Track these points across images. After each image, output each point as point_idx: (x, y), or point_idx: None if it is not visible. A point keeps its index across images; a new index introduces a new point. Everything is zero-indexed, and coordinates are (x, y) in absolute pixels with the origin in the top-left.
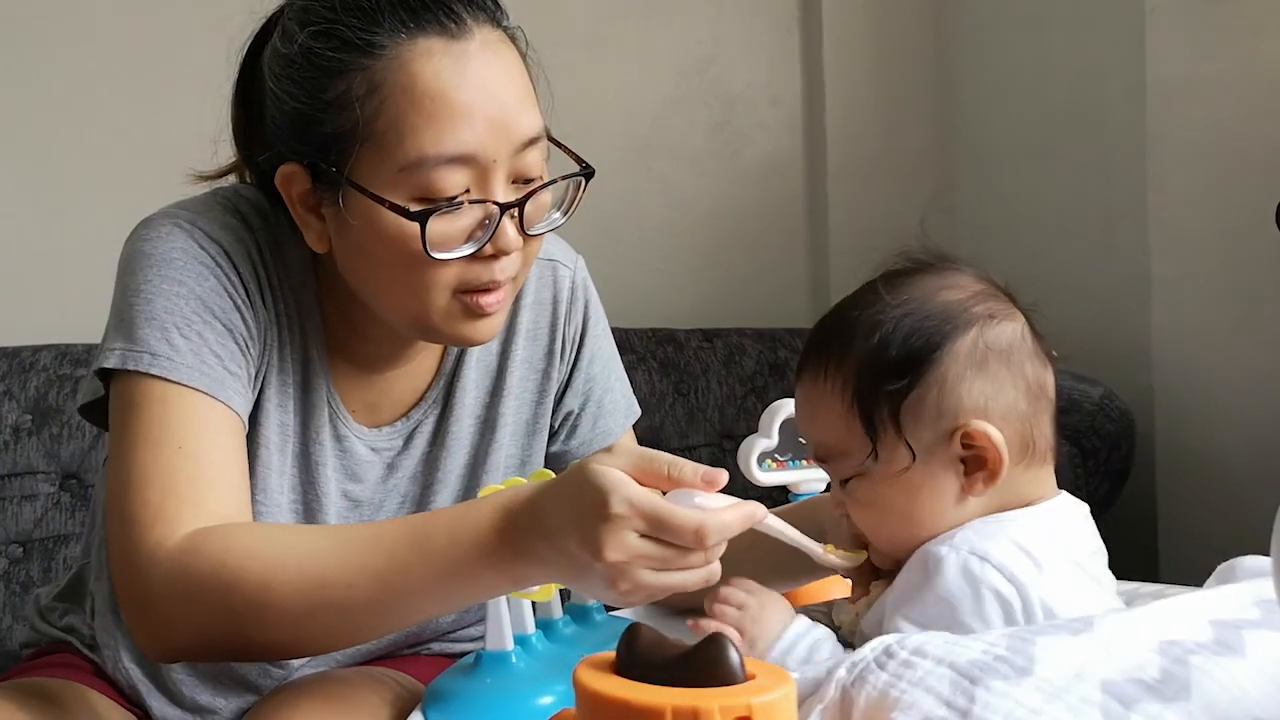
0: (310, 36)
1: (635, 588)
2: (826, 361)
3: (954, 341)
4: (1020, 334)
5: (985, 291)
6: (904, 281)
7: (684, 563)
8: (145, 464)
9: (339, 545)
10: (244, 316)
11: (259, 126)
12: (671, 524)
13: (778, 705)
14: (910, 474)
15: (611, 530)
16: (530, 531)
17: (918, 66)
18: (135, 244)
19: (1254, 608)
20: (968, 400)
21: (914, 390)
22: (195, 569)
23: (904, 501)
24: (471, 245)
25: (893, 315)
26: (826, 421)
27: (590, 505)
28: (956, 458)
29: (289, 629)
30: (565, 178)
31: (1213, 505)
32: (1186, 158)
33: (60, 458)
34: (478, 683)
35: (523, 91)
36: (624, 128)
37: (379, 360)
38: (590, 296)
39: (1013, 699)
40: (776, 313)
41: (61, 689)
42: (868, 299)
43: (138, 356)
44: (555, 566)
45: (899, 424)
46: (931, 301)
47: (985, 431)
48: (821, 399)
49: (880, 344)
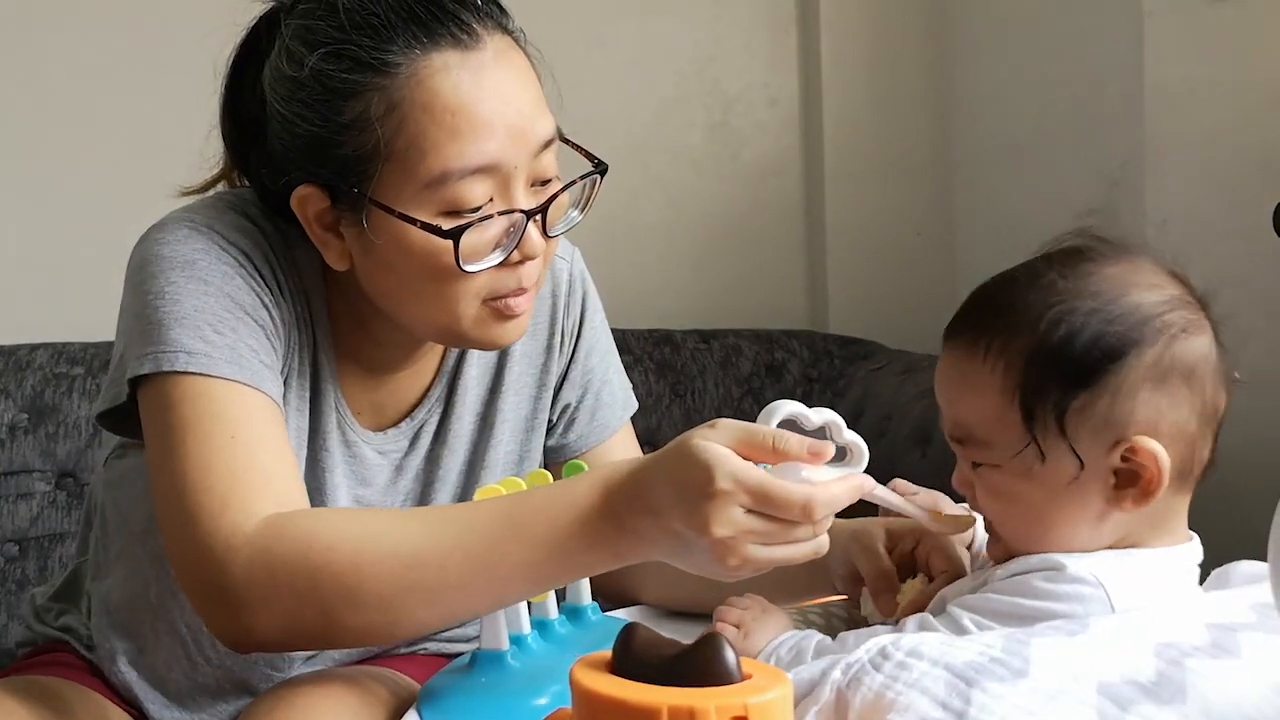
0: (321, 59)
1: (743, 563)
2: (990, 338)
3: (1140, 351)
4: (1208, 351)
5: (1180, 297)
6: (1085, 268)
7: (792, 536)
8: (200, 456)
9: (431, 526)
10: (271, 314)
11: (258, 144)
12: (779, 499)
13: (774, 705)
14: (1051, 473)
15: (718, 506)
16: (632, 509)
17: (916, 68)
18: (150, 248)
19: (1250, 611)
20: (1140, 414)
21: (1087, 397)
22: (280, 552)
23: (1043, 502)
24: (499, 253)
25: (1078, 309)
26: (976, 404)
27: (695, 482)
28: (1111, 469)
29: (379, 612)
30: (582, 178)
31: (1209, 508)
32: (1184, 161)
33: (56, 456)
34: (473, 682)
35: (536, 95)
36: (621, 128)
37: (387, 363)
38: (588, 288)
39: (1008, 701)
40: (773, 314)
41: (59, 687)
42: (1044, 280)
43: (173, 357)
44: (658, 544)
45: (1063, 427)
46: (1121, 301)
47: (1152, 450)
48: (976, 377)
49: (1063, 340)
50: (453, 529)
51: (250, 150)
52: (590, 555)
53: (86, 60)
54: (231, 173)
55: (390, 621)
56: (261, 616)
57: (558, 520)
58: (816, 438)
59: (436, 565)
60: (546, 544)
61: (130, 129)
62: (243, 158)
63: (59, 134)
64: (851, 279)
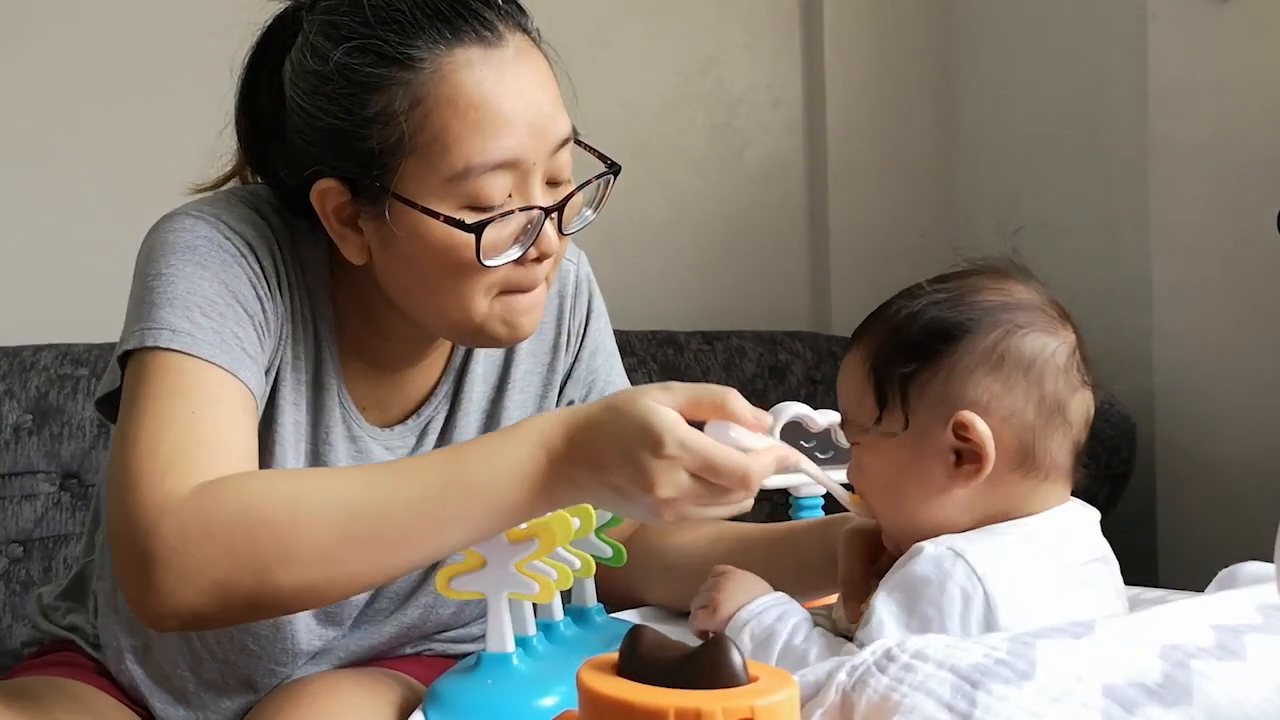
0: (346, 53)
1: (678, 518)
2: (861, 332)
3: (974, 338)
4: (1053, 351)
5: (1033, 304)
6: (954, 279)
7: (727, 500)
8: (155, 427)
9: (372, 478)
10: (264, 306)
11: (274, 140)
12: (722, 468)
13: (780, 707)
14: (900, 447)
15: (665, 469)
16: (573, 461)
17: (919, 69)
18: (158, 236)
19: (1256, 612)
20: (971, 393)
21: (923, 371)
22: (216, 511)
23: (895, 474)
24: (517, 249)
25: (925, 301)
26: (846, 387)
27: (645, 443)
28: (950, 447)
29: (316, 568)
30: (596, 178)
31: (1213, 510)
32: (1188, 162)
33: (61, 457)
34: (479, 684)
35: (554, 94)
36: (625, 129)
37: (396, 359)
38: (593, 290)
39: (1014, 703)
40: (777, 315)
41: (64, 687)
42: (914, 289)
43: (157, 333)
44: (595, 494)
45: (905, 397)
46: (968, 298)
47: (975, 425)
48: (850, 365)
49: (904, 321)
50: (393, 480)
51: (266, 147)
52: (526, 503)
53: (92, 62)
54: (243, 170)
55: (327, 579)
56: (191, 581)
57: (497, 468)
58: (821, 439)
59: (377, 515)
60: (486, 493)
61: (136, 130)
62: (257, 155)
63: (64, 135)
64: (855, 280)
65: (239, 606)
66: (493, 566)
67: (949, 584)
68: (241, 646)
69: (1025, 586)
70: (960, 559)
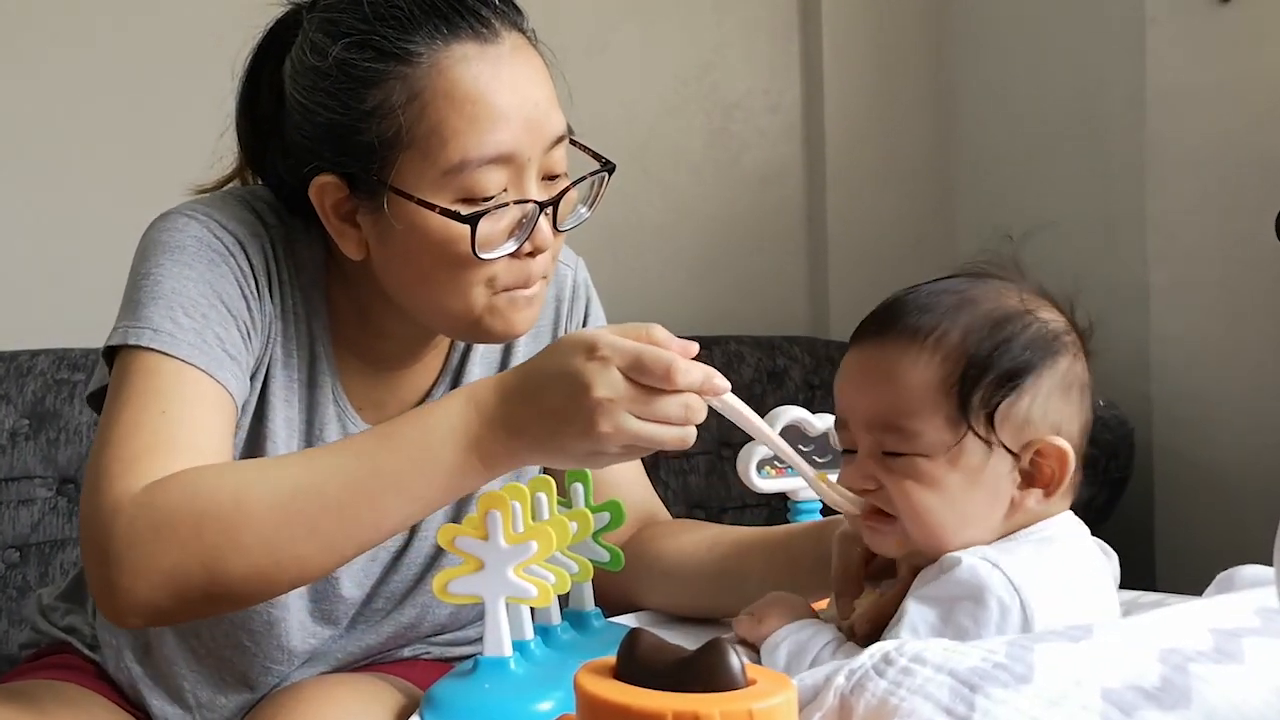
0: (344, 48)
1: (616, 430)
2: (928, 334)
3: (1057, 360)
4: (1084, 371)
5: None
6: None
7: (662, 412)
8: (127, 425)
9: (311, 458)
10: (249, 306)
11: (273, 138)
12: (645, 360)
13: (778, 711)
14: (965, 467)
15: (599, 368)
16: (506, 400)
17: (917, 74)
18: (151, 235)
19: (1254, 616)
20: (1052, 417)
21: (1015, 395)
22: (162, 504)
23: (960, 492)
24: (513, 243)
25: (1021, 313)
26: (907, 395)
27: (580, 349)
28: (1019, 468)
29: (262, 552)
30: (591, 175)
31: (1211, 514)
32: (1185, 166)
33: (57, 462)
34: (476, 688)
35: (550, 91)
36: (623, 133)
37: (392, 358)
38: (591, 295)
39: (1012, 706)
40: (775, 320)
41: (62, 690)
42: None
43: (139, 332)
44: (528, 432)
45: (991, 421)
46: (1039, 315)
47: (1061, 449)
48: (911, 370)
49: (1003, 340)
50: (330, 456)
51: (266, 147)
52: (462, 459)
53: (90, 65)
54: (244, 172)
55: (274, 563)
56: (144, 577)
57: (430, 427)
58: (819, 443)
59: (315, 491)
60: (418, 451)
61: (135, 134)
62: (257, 156)
63: (61, 139)
64: (853, 285)
65: (195, 599)
66: (490, 570)
67: (987, 595)
68: (236, 643)
69: (1058, 595)
70: (996, 569)
